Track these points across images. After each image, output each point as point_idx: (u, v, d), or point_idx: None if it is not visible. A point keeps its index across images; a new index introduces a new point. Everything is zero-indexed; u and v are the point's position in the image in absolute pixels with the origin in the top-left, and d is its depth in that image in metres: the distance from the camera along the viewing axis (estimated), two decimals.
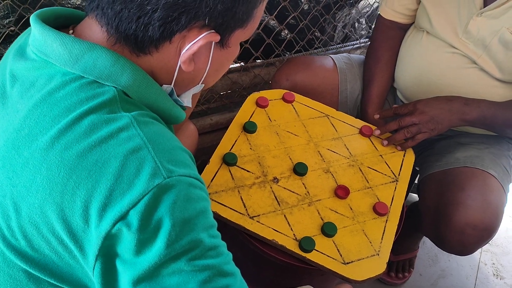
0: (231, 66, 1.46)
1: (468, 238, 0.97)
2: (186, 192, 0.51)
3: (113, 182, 0.49)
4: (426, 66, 1.12)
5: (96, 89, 0.54)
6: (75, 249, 0.50)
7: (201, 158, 1.15)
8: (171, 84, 0.62)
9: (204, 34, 0.56)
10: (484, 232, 0.97)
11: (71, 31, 0.59)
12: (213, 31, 0.56)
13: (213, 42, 0.58)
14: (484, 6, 1.02)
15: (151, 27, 0.54)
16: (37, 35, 0.56)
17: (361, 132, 1.11)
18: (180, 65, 0.59)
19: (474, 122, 1.06)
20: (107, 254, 0.49)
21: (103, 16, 0.55)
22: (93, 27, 0.57)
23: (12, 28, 1.03)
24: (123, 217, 0.48)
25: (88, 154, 0.50)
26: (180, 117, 0.63)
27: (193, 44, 0.56)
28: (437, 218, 1.03)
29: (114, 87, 0.55)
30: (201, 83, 0.65)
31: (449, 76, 1.09)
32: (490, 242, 1.57)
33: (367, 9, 1.65)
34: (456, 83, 1.09)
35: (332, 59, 1.27)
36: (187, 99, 0.67)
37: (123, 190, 0.48)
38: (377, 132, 1.09)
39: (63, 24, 0.61)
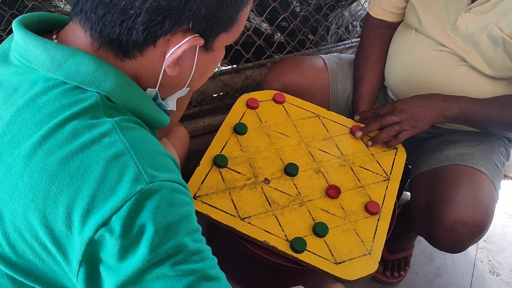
0: (223, 68, 1.46)
1: (459, 235, 0.97)
2: (169, 197, 0.51)
3: (95, 188, 0.49)
4: (414, 65, 1.12)
5: (79, 94, 0.54)
6: (58, 255, 0.50)
7: (195, 160, 1.14)
8: (155, 88, 0.62)
9: (188, 38, 0.56)
10: (475, 229, 0.97)
11: (54, 36, 0.59)
12: (197, 35, 0.56)
13: (198, 46, 0.58)
14: (472, 2, 1.02)
15: (135, 31, 0.54)
16: (19, 41, 0.56)
17: (352, 131, 1.11)
18: (164, 69, 0.59)
19: (455, 119, 1.06)
20: (91, 260, 0.49)
21: (86, 21, 0.55)
22: (77, 32, 0.57)
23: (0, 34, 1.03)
24: (105, 223, 0.48)
25: (70, 160, 0.50)
26: (164, 122, 0.63)
27: (177, 48, 0.56)
28: (428, 215, 1.03)
29: (97, 92, 0.55)
30: (187, 87, 0.65)
31: (438, 74, 1.09)
32: (485, 239, 1.58)
33: (361, 11, 1.65)
34: (445, 81, 1.09)
35: (323, 59, 1.27)
36: (171, 103, 0.67)
37: (106, 196, 0.48)
38: (359, 133, 1.09)
39: (47, 29, 0.61)
